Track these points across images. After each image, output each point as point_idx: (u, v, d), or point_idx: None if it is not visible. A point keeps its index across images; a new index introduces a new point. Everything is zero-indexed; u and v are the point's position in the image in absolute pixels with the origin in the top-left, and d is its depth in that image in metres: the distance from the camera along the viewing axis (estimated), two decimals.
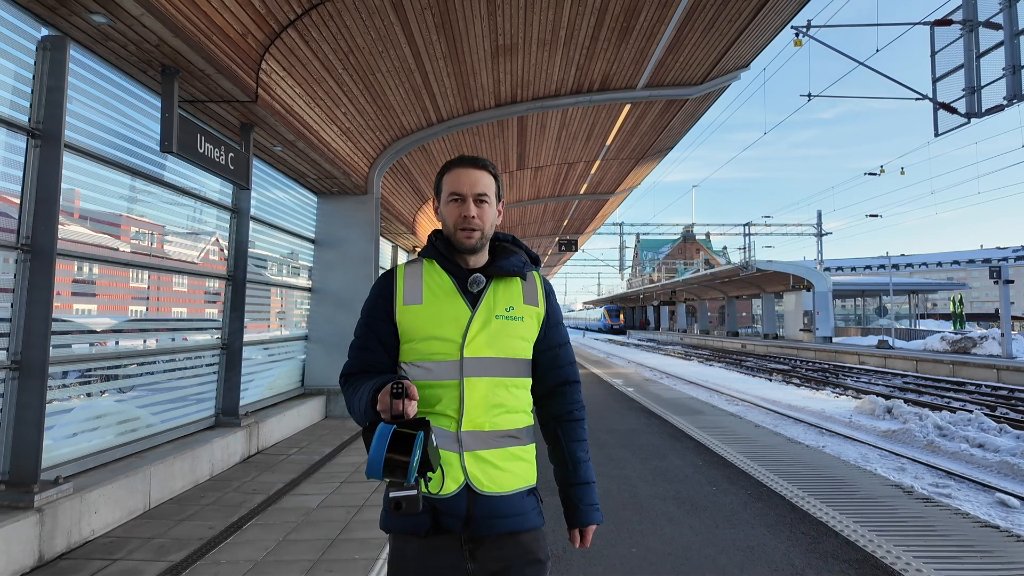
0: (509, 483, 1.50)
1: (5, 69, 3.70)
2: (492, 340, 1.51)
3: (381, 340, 1.58)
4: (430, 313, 1.53)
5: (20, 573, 3.44)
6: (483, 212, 1.57)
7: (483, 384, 1.49)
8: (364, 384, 1.45)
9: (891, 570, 3.44)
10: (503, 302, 1.57)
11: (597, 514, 1.61)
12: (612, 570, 3.50)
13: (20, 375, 3.75)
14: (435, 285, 1.57)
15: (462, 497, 1.45)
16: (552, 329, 1.66)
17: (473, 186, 1.57)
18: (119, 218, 5.04)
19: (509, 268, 1.60)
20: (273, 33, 5.35)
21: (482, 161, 1.61)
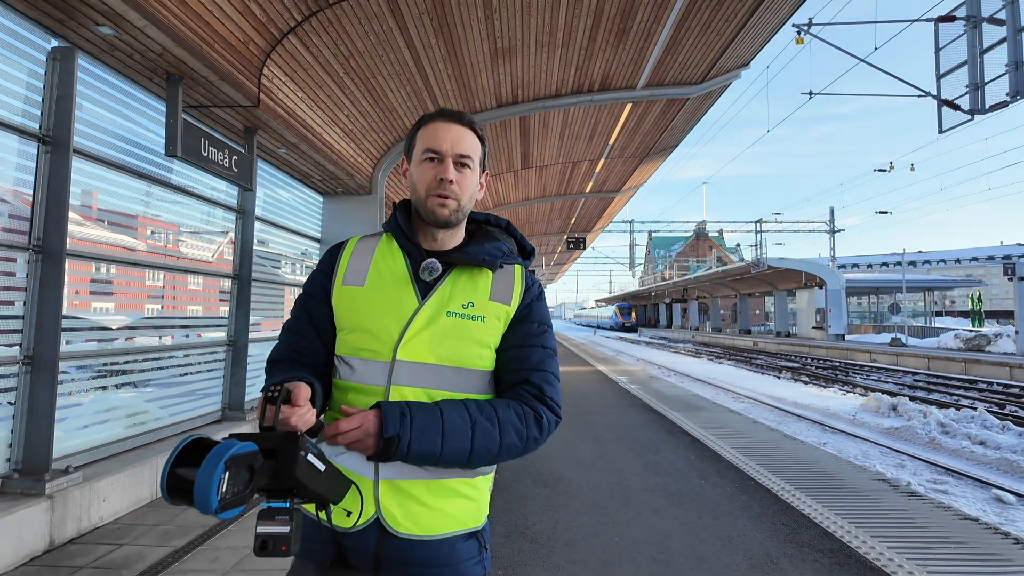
0: (437, 525, 1.20)
1: (17, 79, 3.91)
2: (436, 342, 1.21)
3: (315, 323, 1.31)
4: (368, 299, 1.26)
5: (32, 556, 3.65)
6: (464, 178, 1.28)
7: (414, 397, 1.19)
8: (273, 377, 1.23)
9: (863, 559, 3.55)
10: (461, 296, 1.26)
11: (395, 422, 1.11)
12: (592, 557, 3.64)
13: (32, 370, 3.96)
14: (384, 266, 1.30)
15: (370, 533, 1.18)
16: (516, 327, 1.31)
17: (455, 144, 1.27)
18: (128, 219, 5.25)
19: (478, 256, 1.29)
20: (274, 40, 5.53)
21: (467, 117, 1.32)
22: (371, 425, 1.10)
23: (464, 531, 1.24)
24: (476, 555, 1.26)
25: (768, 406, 14.00)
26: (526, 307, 1.33)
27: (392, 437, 1.10)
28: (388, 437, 1.09)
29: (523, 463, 5.91)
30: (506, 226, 1.46)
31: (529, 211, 19.20)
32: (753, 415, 11.63)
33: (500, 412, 1.20)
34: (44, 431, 3.92)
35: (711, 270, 49.07)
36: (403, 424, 1.11)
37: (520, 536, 3.99)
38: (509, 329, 1.30)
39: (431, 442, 1.12)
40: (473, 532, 1.27)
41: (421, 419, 1.13)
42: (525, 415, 1.22)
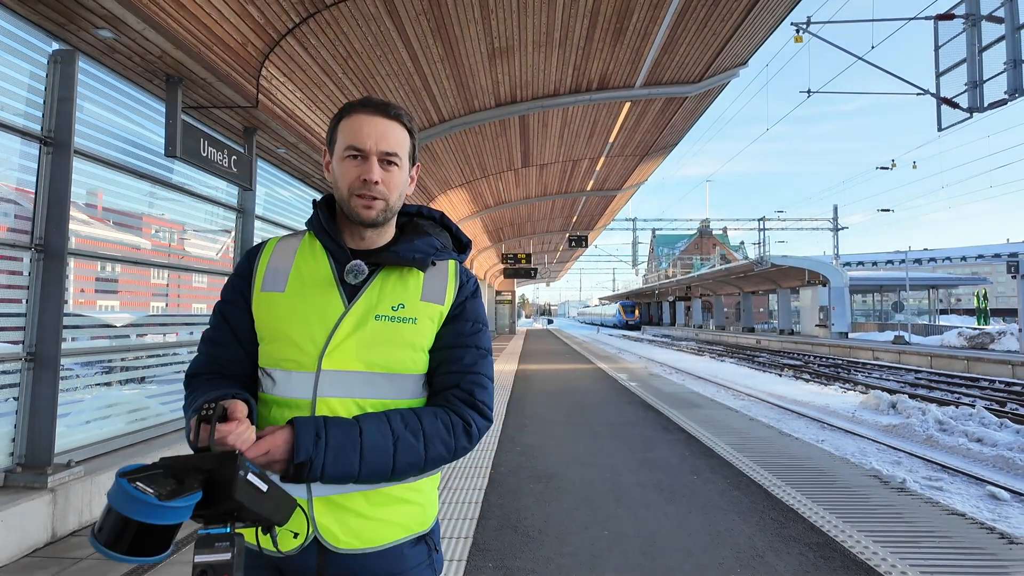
0: (380, 535, 1.14)
1: (19, 81, 3.99)
2: (365, 349, 1.14)
3: (236, 333, 1.21)
4: (290, 306, 1.16)
5: (34, 548, 3.74)
6: (391, 177, 1.19)
7: (343, 409, 1.12)
8: (199, 395, 1.13)
9: (847, 552, 3.60)
10: (391, 298, 1.19)
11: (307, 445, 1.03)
12: (582, 550, 3.70)
13: (35, 366, 4.05)
14: (307, 269, 1.20)
15: (310, 553, 1.12)
16: (449, 326, 1.24)
17: (380, 140, 1.17)
18: (128, 218, 5.34)
19: (407, 254, 1.21)
20: (272, 41, 5.60)
21: (394, 109, 1.21)
22: (279, 451, 1.01)
23: (411, 536, 1.19)
24: (425, 559, 1.22)
25: (768, 404, 14.04)
26: (460, 305, 1.26)
27: (303, 463, 1.02)
28: (299, 463, 1.02)
29: (519, 460, 5.98)
30: (440, 218, 1.37)
31: (530, 209, 19.26)
32: (752, 413, 11.67)
33: (426, 424, 1.14)
34: (46, 426, 4.01)
35: (715, 268, 49.03)
36: (317, 447, 1.03)
37: (512, 530, 4.06)
38: (442, 327, 1.23)
39: (348, 463, 1.05)
40: (421, 536, 1.22)
41: (337, 439, 1.05)
42: (453, 425, 1.17)
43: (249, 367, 1.22)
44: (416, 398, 1.21)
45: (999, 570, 3.36)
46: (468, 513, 4.38)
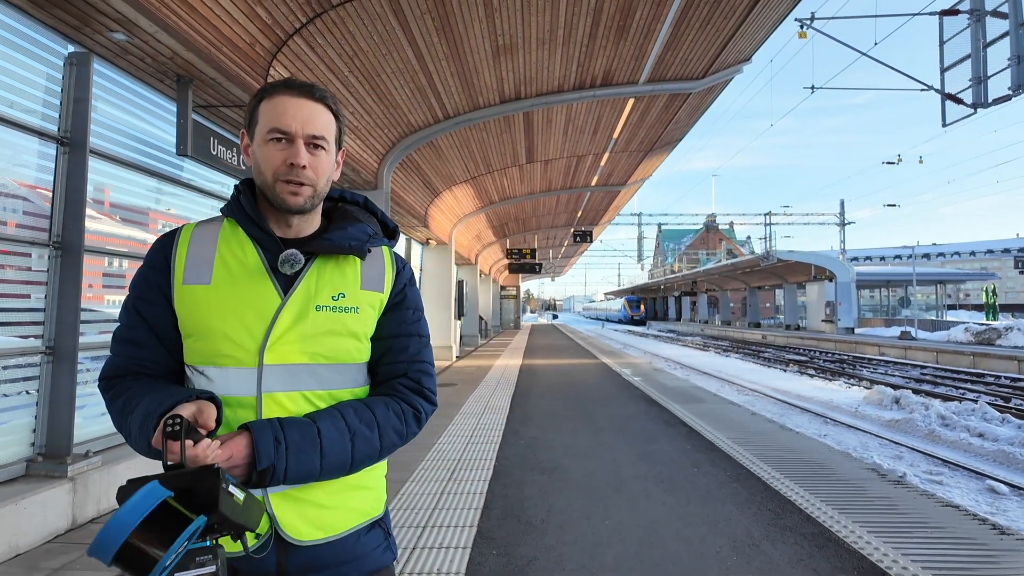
0: (339, 522, 1.14)
1: (37, 84, 4.11)
2: (308, 341, 1.11)
3: (155, 330, 1.14)
4: (219, 298, 1.10)
5: (55, 534, 3.88)
6: (318, 161, 1.14)
7: (291, 402, 1.10)
8: (140, 399, 1.06)
9: (841, 541, 3.70)
10: (329, 287, 1.15)
11: (268, 451, 1.01)
12: (583, 539, 3.81)
13: (54, 359, 4.19)
14: (232, 258, 1.14)
15: (269, 551, 1.08)
16: (390, 314, 1.23)
17: (306, 123, 1.11)
18: (140, 215, 5.46)
19: (344, 242, 1.17)
20: (280, 41, 5.70)
21: (319, 91, 1.15)
22: (240, 457, 0.99)
23: (367, 522, 1.20)
24: (382, 542, 1.23)
25: (771, 399, 14.11)
26: (399, 293, 1.25)
27: (266, 469, 1.01)
28: (262, 470, 1.00)
29: (523, 452, 6.10)
30: (364, 202, 1.33)
31: (535, 204, 19.34)
32: (755, 408, 11.75)
33: (379, 415, 1.14)
34: (65, 417, 4.15)
35: (720, 263, 48.97)
36: (278, 453, 1.01)
37: (515, 520, 4.17)
38: (383, 316, 1.22)
39: (309, 464, 1.04)
40: (375, 521, 1.22)
41: (296, 442, 1.04)
42: (404, 413, 1.18)
43: (172, 365, 1.16)
44: (360, 386, 1.21)
45: (989, 559, 3.45)
46: (473, 503, 4.50)
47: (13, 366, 4.11)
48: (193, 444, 0.92)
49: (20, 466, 4.01)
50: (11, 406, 4.11)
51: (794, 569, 3.35)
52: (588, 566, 3.41)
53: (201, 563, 0.85)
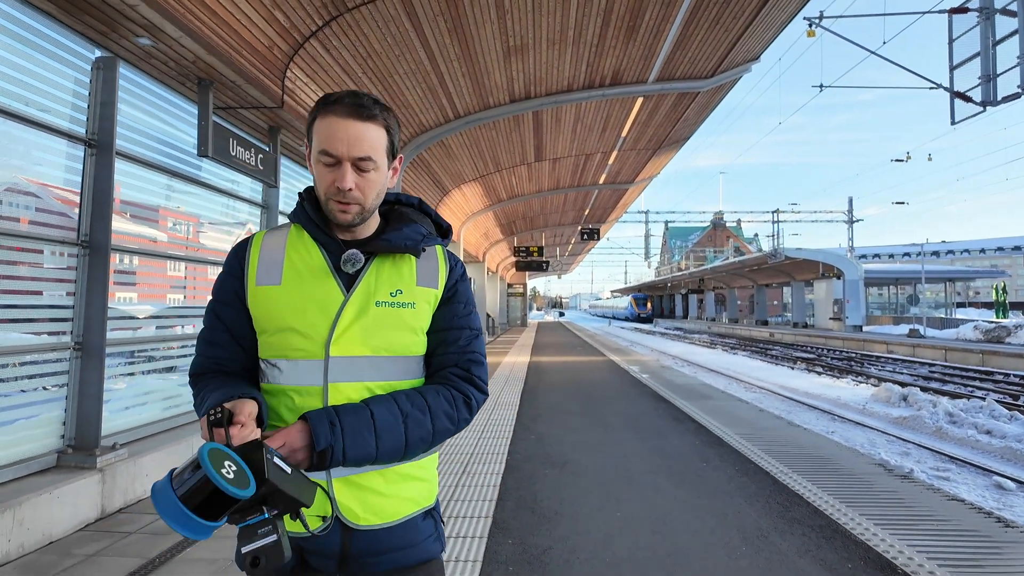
0: (396, 510, 1.22)
1: (65, 87, 4.25)
2: (369, 334, 1.19)
3: (231, 331, 1.26)
4: (289, 297, 1.20)
5: (86, 523, 4.03)
6: (365, 182, 1.20)
7: (354, 392, 1.18)
8: (207, 395, 1.17)
9: (848, 533, 3.79)
10: (388, 284, 1.24)
11: (324, 433, 1.09)
12: (595, 530, 3.92)
13: (82, 355, 4.33)
14: (299, 260, 1.24)
15: (333, 533, 1.18)
16: (443, 308, 1.31)
17: (352, 146, 1.16)
18: (156, 214, 5.61)
19: (399, 242, 1.25)
20: (297, 44, 5.82)
21: (368, 108, 1.18)
22: (296, 440, 1.07)
23: (421, 511, 1.27)
24: (433, 532, 1.30)
25: (779, 396, 14.16)
26: (452, 288, 1.32)
27: (325, 450, 1.08)
28: (321, 450, 1.08)
29: (534, 447, 6.21)
30: (418, 204, 1.41)
31: (543, 202, 19.43)
32: (763, 405, 11.81)
33: (431, 400, 1.21)
34: (94, 411, 4.30)
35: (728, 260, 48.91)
36: (334, 434, 1.09)
37: (528, 511, 4.29)
38: (437, 310, 1.30)
39: (365, 445, 1.11)
40: (428, 510, 1.30)
41: (351, 424, 1.11)
42: (455, 399, 1.24)
43: (247, 361, 1.27)
44: (418, 378, 1.28)
45: (993, 550, 3.53)
46: (487, 495, 4.62)
47: (44, 361, 4.26)
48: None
49: (51, 457, 4.16)
50: (42, 400, 4.26)
51: (802, 559, 3.45)
52: (601, 555, 3.52)
53: (263, 535, 0.94)
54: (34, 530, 3.62)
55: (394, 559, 1.22)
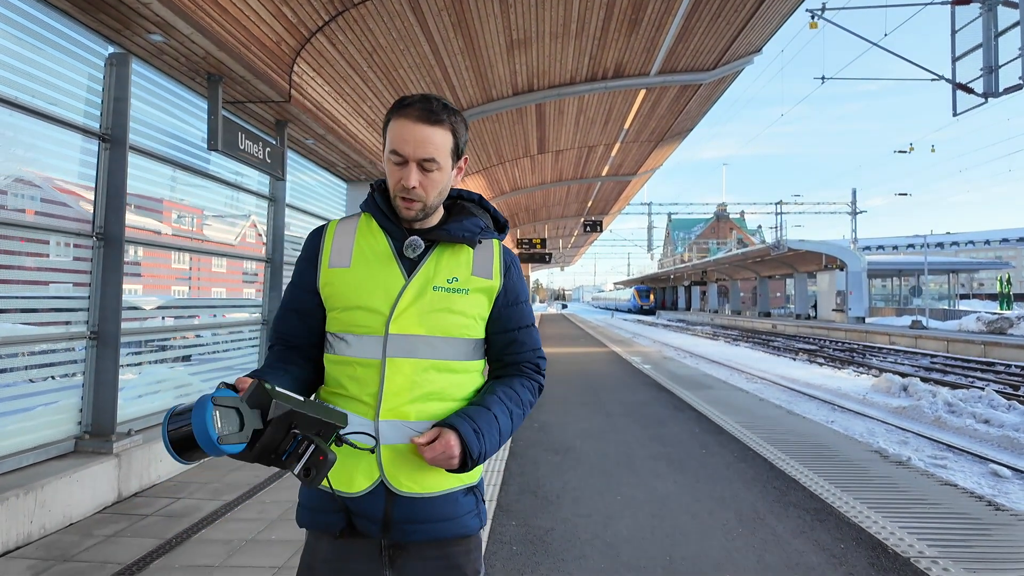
0: (438, 483, 1.31)
1: (80, 83, 4.35)
2: (424, 316, 1.31)
3: (299, 309, 1.41)
4: (356, 278, 1.33)
5: (104, 506, 4.17)
6: (429, 181, 1.31)
7: (408, 366, 1.29)
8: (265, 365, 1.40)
9: (842, 516, 3.91)
10: (445, 272, 1.35)
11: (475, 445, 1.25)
12: (596, 512, 4.05)
13: (98, 344, 4.46)
14: (367, 246, 1.37)
15: (378, 497, 1.28)
16: (509, 309, 1.42)
17: (418, 148, 1.28)
18: (172, 207, 5.72)
19: (458, 233, 1.37)
20: (304, 39, 5.91)
21: (436, 113, 1.29)
22: (454, 449, 1.23)
23: (463, 486, 1.35)
24: (474, 508, 1.37)
25: (780, 386, 14.27)
26: (513, 288, 1.44)
27: (478, 455, 1.26)
28: (476, 456, 1.26)
29: (536, 435, 6.34)
30: (479, 200, 1.52)
31: (546, 195, 19.49)
32: (763, 395, 11.92)
33: (523, 394, 1.42)
34: (109, 398, 4.43)
35: (731, 252, 48.88)
36: (479, 442, 1.26)
37: (531, 495, 4.42)
38: (502, 310, 1.42)
39: (493, 443, 1.30)
40: (471, 487, 1.37)
41: (486, 429, 1.29)
42: (535, 389, 1.46)
43: (311, 336, 1.41)
44: (469, 359, 1.38)
45: (983, 532, 3.65)
46: (491, 480, 4.75)
47: (61, 350, 4.39)
48: None
49: (69, 443, 4.29)
50: (59, 387, 4.40)
51: (796, 540, 3.57)
52: (601, 535, 3.65)
53: (303, 451, 1.07)
54: (55, 512, 3.76)
55: (433, 529, 1.30)
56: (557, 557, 3.36)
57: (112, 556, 3.41)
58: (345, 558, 1.31)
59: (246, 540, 3.67)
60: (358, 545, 1.31)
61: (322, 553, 1.33)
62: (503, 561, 3.31)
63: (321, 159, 8.41)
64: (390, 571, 1.31)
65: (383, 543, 1.31)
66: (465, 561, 1.35)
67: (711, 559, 3.32)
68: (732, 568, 3.21)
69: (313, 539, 1.36)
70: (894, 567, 3.19)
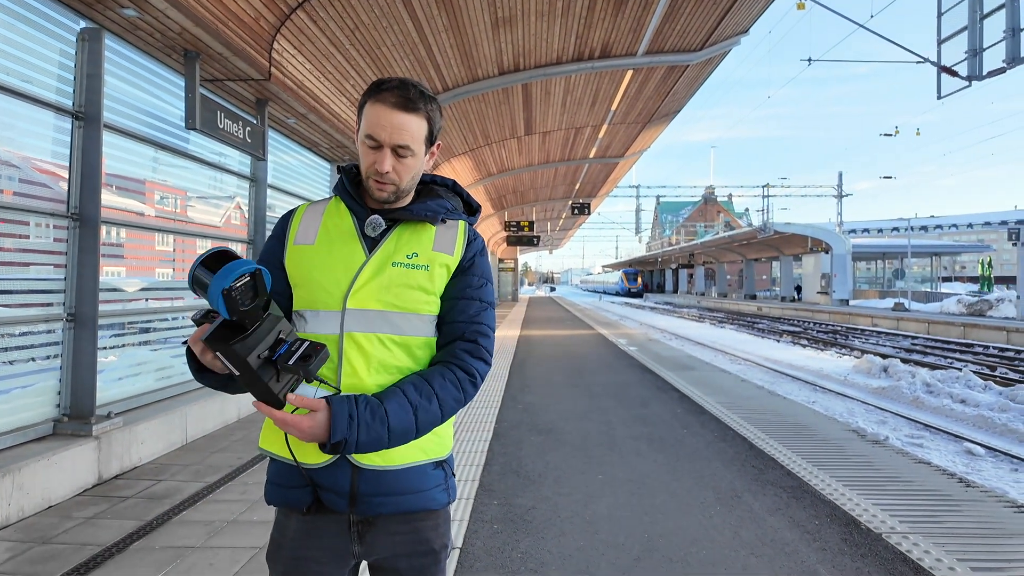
0: (403, 455, 1.30)
1: (51, 59, 4.24)
2: (383, 291, 1.32)
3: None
4: (319, 256, 1.35)
5: (84, 488, 4.15)
6: (402, 166, 1.33)
7: (366, 341, 1.30)
8: None
9: (818, 493, 3.99)
10: (406, 248, 1.36)
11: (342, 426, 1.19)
12: (577, 491, 4.09)
13: (75, 325, 4.40)
14: (332, 225, 1.39)
15: (344, 470, 1.28)
16: (458, 278, 1.40)
17: (394, 134, 1.29)
18: (154, 188, 5.63)
19: (420, 212, 1.37)
20: (283, 15, 5.79)
21: (413, 101, 1.30)
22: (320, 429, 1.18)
23: (430, 460, 1.35)
24: (442, 482, 1.38)
25: (763, 367, 14.44)
26: (470, 260, 1.42)
27: (339, 442, 1.18)
28: (335, 442, 1.18)
29: (520, 416, 6.38)
30: (452, 185, 1.52)
31: (533, 176, 19.40)
32: (746, 375, 12.07)
33: (437, 387, 1.31)
34: (88, 380, 4.39)
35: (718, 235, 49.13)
36: (350, 428, 1.18)
37: (514, 475, 4.45)
38: (452, 279, 1.39)
39: (377, 436, 1.22)
40: (439, 462, 1.37)
41: (367, 420, 1.20)
42: (460, 381, 1.34)
43: None
44: (427, 336, 1.37)
45: (953, 508, 3.74)
46: (475, 461, 4.78)
47: (37, 332, 4.33)
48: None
49: (48, 426, 4.26)
50: (36, 370, 4.34)
51: (772, 517, 3.64)
52: (582, 514, 3.70)
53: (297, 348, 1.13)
54: (33, 494, 3.73)
55: (401, 502, 1.31)
56: (537, 535, 3.40)
57: (92, 538, 3.41)
58: (314, 534, 1.32)
59: (227, 521, 3.67)
60: (326, 521, 1.31)
61: (291, 531, 1.33)
62: (484, 540, 3.35)
63: (304, 139, 8.30)
64: (359, 546, 1.32)
65: (351, 518, 1.31)
66: (434, 535, 1.36)
67: (688, 536, 3.38)
68: (709, 544, 3.27)
69: (282, 516, 1.36)
70: (866, 542, 3.27)
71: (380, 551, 1.34)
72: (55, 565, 3.08)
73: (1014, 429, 8.07)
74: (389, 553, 1.34)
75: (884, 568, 2.99)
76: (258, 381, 1.11)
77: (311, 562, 1.33)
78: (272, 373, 1.13)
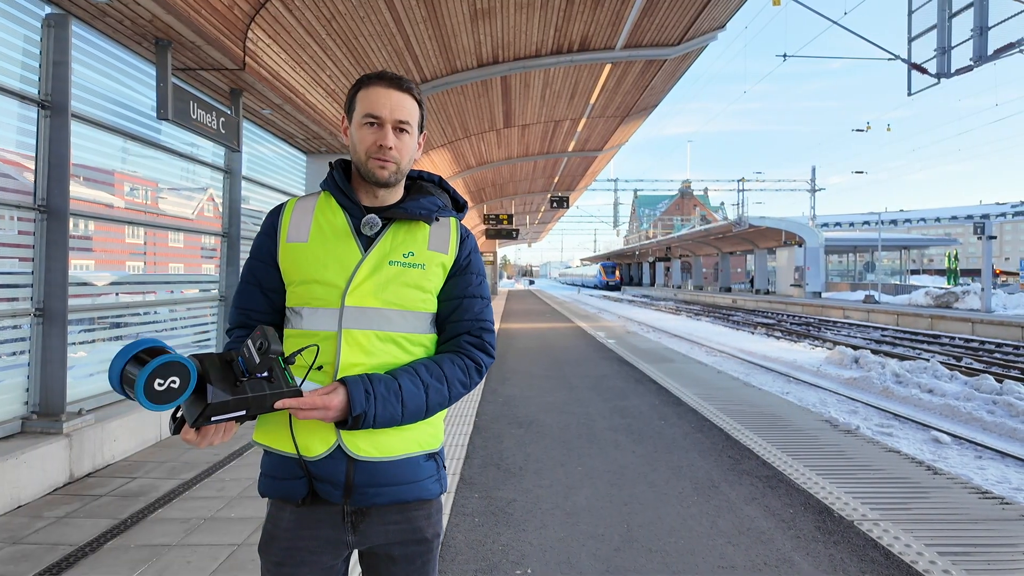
0: (396, 447, 1.33)
1: (14, 45, 4.10)
2: (380, 289, 1.34)
3: (261, 285, 1.43)
4: (314, 253, 1.36)
5: (55, 487, 4.06)
6: (402, 143, 1.37)
7: (364, 338, 1.32)
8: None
9: (791, 482, 4.07)
10: (402, 247, 1.38)
11: (359, 402, 1.23)
12: (557, 483, 4.13)
13: (44, 321, 4.29)
14: (325, 222, 1.39)
15: (339, 462, 1.30)
16: (457, 277, 1.45)
17: (395, 110, 1.34)
18: (124, 180, 5.49)
19: (415, 210, 1.40)
20: (258, 3, 5.67)
21: (406, 82, 1.37)
22: (336, 410, 1.22)
23: (423, 452, 1.38)
24: (435, 473, 1.42)
25: (738, 359, 14.67)
26: (466, 258, 1.46)
27: (359, 415, 1.24)
28: (356, 415, 1.23)
29: (501, 409, 6.39)
30: (439, 181, 1.55)
31: (512, 169, 19.37)
32: (722, 367, 12.25)
33: (447, 370, 1.37)
34: (58, 377, 4.28)
35: (694, 229, 49.63)
36: (368, 402, 1.24)
37: (495, 467, 4.47)
38: (451, 279, 1.44)
39: (392, 410, 1.27)
40: (431, 454, 1.41)
41: (382, 394, 1.26)
42: (468, 368, 1.40)
43: (274, 314, 1.43)
44: (424, 333, 1.41)
45: (921, 495, 3.85)
46: (455, 454, 4.78)
47: (3, 328, 4.20)
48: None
49: (16, 423, 4.15)
50: (2, 367, 4.22)
51: (748, 506, 3.71)
52: (562, 505, 3.73)
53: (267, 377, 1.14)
54: (2, 494, 3.64)
55: (395, 492, 1.34)
56: (518, 527, 3.42)
57: (64, 538, 3.34)
58: (308, 524, 1.34)
59: (204, 518, 3.62)
60: (320, 511, 1.33)
61: (285, 522, 1.34)
62: (465, 532, 3.36)
63: (279, 130, 8.17)
64: (352, 536, 1.34)
65: (345, 508, 1.33)
66: (426, 524, 1.40)
67: (666, 525, 3.43)
68: (687, 534, 3.32)
69: (275, 508, 1.37)
70: (838, 529, 3.35)
71: (374, 540, 1.36)
72: (27, 566, 3.01)
73: (978, 417, 8.33)
74: (383, 541, 1.36)
75: (856, 554, 3.07)
76: (261, 397, 1.13)
77: (305, 552, 1.34)
78: (259, 383, 1.13)
